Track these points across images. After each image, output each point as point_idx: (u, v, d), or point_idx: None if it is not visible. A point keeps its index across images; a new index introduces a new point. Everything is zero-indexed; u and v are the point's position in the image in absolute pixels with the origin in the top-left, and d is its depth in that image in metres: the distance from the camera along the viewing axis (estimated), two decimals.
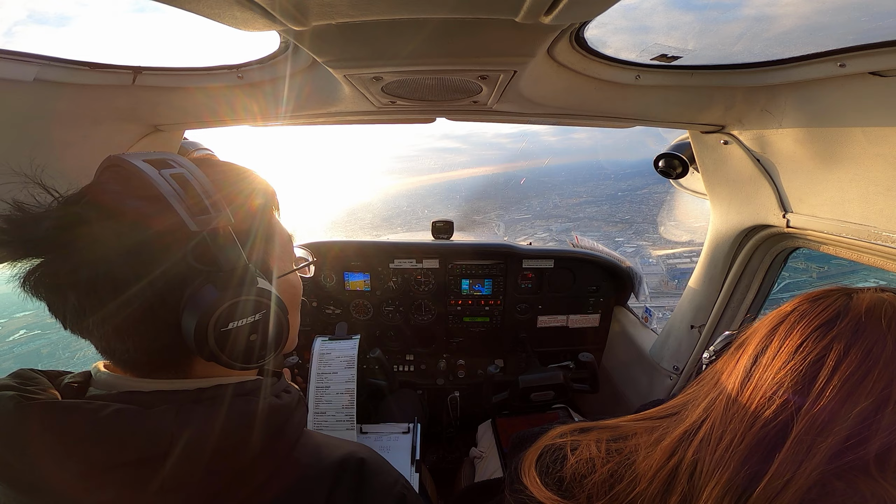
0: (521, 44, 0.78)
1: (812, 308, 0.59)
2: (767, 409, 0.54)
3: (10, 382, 0.50)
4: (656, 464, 0.59)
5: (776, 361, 0.57)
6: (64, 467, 0.44)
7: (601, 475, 0.61)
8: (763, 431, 0.53)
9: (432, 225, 2.29)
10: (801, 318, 0.58)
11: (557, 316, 2.25)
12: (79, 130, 1.04)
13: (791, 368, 0.54)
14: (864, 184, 0.93)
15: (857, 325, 0.54)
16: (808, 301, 0.60)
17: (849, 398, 0.50)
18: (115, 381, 0.54)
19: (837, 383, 0.51)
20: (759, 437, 0.53)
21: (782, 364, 0.56)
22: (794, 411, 0.52)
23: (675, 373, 1.66)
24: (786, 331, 0.58)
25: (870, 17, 0.72)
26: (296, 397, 0.61)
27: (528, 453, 0.71)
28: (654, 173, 1.52)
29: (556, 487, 0.64)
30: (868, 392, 0.50)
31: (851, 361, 0.51)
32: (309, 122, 1.37)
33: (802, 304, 0.60)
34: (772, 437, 0.53)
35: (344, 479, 0.56)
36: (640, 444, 0.63)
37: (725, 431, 0.56)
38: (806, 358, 0.54)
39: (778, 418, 0.53)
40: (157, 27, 0.79)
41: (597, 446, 0.65)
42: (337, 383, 1.45)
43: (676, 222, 2.25)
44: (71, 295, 0.48)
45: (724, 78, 1.02)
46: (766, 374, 0.57)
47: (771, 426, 0.53)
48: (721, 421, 0.57)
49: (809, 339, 0.55)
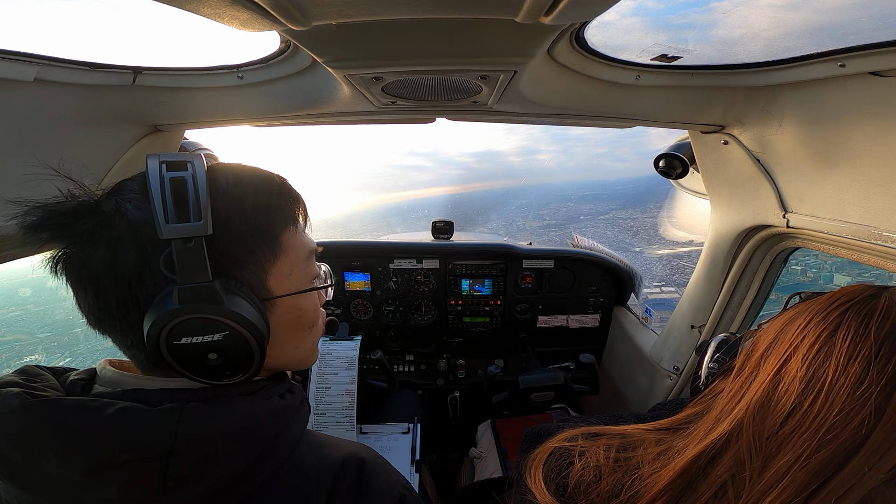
0: (521, 44, 0.78)
1: (859, 308, 0.54)
2: (849, 424, 0.49)
3: (16, 379, 0.50)
4: (665, 480, 0.56)
5: (851, 368, 0.50)
6: (67, 465, 0.45)
7: (606, 485, 0.59)
8: (843, 444, 0.49)
9: (432, 225, 2.29)
10: (854, 318, 0.53)
11: (557, 316, 2.25)
12: (79, 130, 1.04)
13: (875, 374, 0.49)
14: (865, 184, 0.93)
15: None
16: (848, 300, 0.56)
17: None
18: (121, 379, 0.54)
19: None
20: (836, 450, 0.49)
21: (862, 369, 0.50)
22: (878, 420, 0.48)
23: (676, 373, 1.66)
24: (845, 332, 0.53)
25: (870, 16, 0.72)
26: (299, 398, 0.61)
27: (537, 454, 0.71)
28: (615, 197, 1.51)
29: (559, 493, 0.64)
30: None
31: None
32: (309, 122, 1.37)
33: (839, 301, 0.56)
34: (850, 449, 0.49)
35: (345, 478, 0.56)
36: (646, 457, 0.61)
37: (781, 450, 0.51)
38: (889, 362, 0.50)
39: (862, 429, 0.48)
40: (157, 27, 0.79)
41: (605, 454, 0.63)
42: (338, 384, 1.44)
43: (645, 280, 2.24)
44: (68, 282, 0.51)
45: (724, 78, 1.02)
46: (840, 382, 0.50)
47: (853, 440, 0.49)
48: (766, 438, 0.52)
49: (887, 342, 0.50)
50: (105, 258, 0.48)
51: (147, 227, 0.48)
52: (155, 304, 0.49)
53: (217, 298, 0.49)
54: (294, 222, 0.61)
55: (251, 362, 0.53)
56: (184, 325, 0.48)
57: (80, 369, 0.58)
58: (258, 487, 0.52)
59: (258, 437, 0.52)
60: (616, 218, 22.69)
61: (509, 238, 2.35)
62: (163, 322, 0.48)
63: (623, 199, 32.51)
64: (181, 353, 0.49)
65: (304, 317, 0.63)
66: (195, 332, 0.49)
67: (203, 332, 0.49)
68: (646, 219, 23.91)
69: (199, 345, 0.50)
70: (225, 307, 0.50)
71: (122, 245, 0.48)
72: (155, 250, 0.49)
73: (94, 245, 0.48)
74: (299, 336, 0.64)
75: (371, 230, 25.40)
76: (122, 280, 0.49)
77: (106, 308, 0.50)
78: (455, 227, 2.31)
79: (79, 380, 0.55)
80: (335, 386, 1.44)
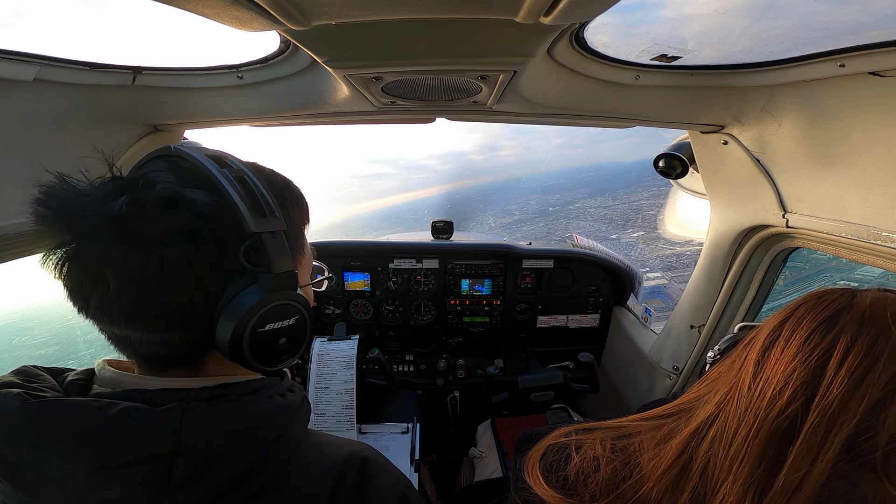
0: (521, 44, 0.78)
1: (818, 303, 0.60)
2: (780, 400, 0.55)
3: (14, 379, 0.50)
4: (666, 462, 0.59)
5: (785, 354, 0.57)
6: (70, 466, 0.44)
7: (605, 474, 0.62)
8: (777, 423, 0.54)
9: (432, 225, 2.29)
10: (808, 312, 0.60)
11: (557, 316, 2.25)
12: (79, 130, 1.04)
13: (800, 360, 0.56)
14: (864, 184, 0.93)
15: (862, 318, 0.55)
16: (815, 297, 0.62)
17: (857, 388, 0.51)
18: (121, 379, 0.54)
19: (845, 374, 0.52)
20: (773, 428, 0.54)
21: (792, 356, 0.57)
22: (806, 401, 0.53)
23: (675, 373, 1.66)
24: (793, 325, 0.59)
25: (870, 17, 0.73)
26: (300, 396, 0.61)
27: (532, 452, 0.71)
28: (579, 186, 1.52)
29: (559, 486, 0.65)
30: (875, 382, 0.51)
31: (858, 352, 0.53)
32: (309, 122, 1.37)
33: (809, 300, 0.62)
34: (786, 428, 0.54)
35: (347, 477, 0.56)
36: (645, 443, 0.64)
37: (740, 426, 0.57)
38: (814, 350, 0.55)
39: (789, 408, 0.54)
40: (157, 27, 0.79)
41: (601, 445, 0.66)
42: (336, 384, 1.44)
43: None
44: (110, 278, 0.46)
45: (723, 78, 1.02)
46: (777, 367, 0.57)
47: (783, 417, 0.54)
48: (734, 416, 0.58)
49: (817, 332, 0.56)
50: (182, 254, 0.47)
51: (225, 220, 0.50)
52: (236, 296, 0.50)
53: (296, 285, 0.55)
54: (308, 220, 0.68)
55: (303, 343, 0.59)
56: (273, 310, 0.53)
57: (77, 369, 0.58)
58: (261, 487, 0.52)
59: (261, 436, 0.52)
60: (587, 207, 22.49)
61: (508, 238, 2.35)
62: (257, 310, 0.50)
63: (589, 188, 32.66)
64: (261, 339, 0.53)
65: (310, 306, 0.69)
66: (279, 317, 0.53)
67: (283, 316, 0.54)
68: (617, 206, 23.72)
69: (278, 330, 0.54)
70: (300, 293, 0.55)
71: (202, 239, 0.48)
72: (234, 243, 0.51)
73: (162, 241, 0.46)
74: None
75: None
76: (195, 275, 0.48)
77: (162, 305, 0.48)
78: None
79: (77, 380, 0.54)
80: (334, 385, 1.44)
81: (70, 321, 5.50)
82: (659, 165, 1.48)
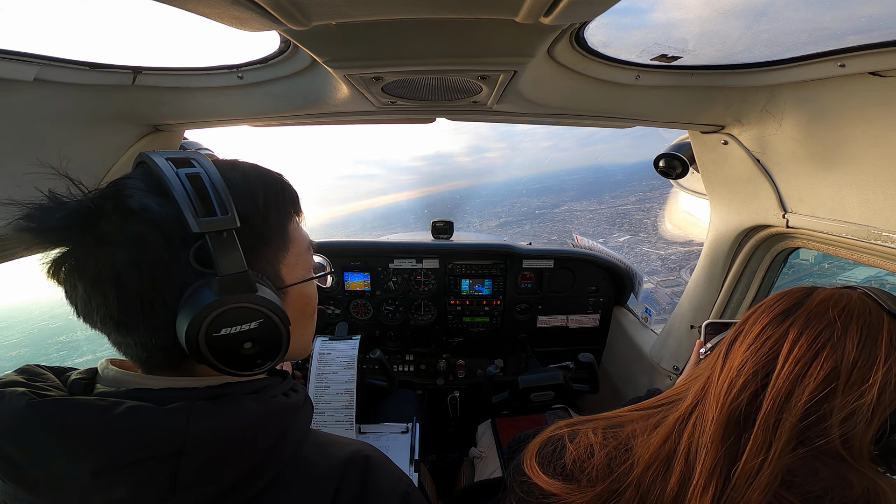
0: (521, 44, 0.78)
1: (778, 300, 0.65)
2: (734, 389, 0.60)
3: (18, 378, 0.49)
4: (654, 447, 0.63)
5: (742, 346, 0.63)
6: (76, 465, 0.44)
7: (600, 459, 0.65)
8: (731, 409, 0.59)
9: (432, 225, 2.29)
10: (767, 308, 0.65)
11: (557, 316, 2.25)
12: (79, 130, 1.04)
13: (752, 352, 0.61)
14: (864, 184, 0.93)
15: (810, 314, 0.60)
16: (777, 295, 0.67)
17: (802, 378, 0.56)
18: (124, 378, 0.53)
19: (791, 364, 0.57)
20: (729, 414, 0.59)
21: (746, 348, 0.62)
22: (759, 390, 0.58)
23: (675, 373, 1.66)
24: (754, 320, 0.65)
25: (870, 16, 0.72)
26: (303, 396, 0.62)
27: (529, 447, 0.73)
28: (565, 188, 1.52)
29: (558, 474, 0.67)
30: (818, 373, 0.56)
31: (802, 345, 0.58)
32: (309, 122, 1.37)
33: (772, 297, 0.67)
34: (740, 415, 0.58)
35: (350, 476, 0.56)
36: (638, 430, 0.67)
37: (713, 414, 0.61)
38: (765, 342, 0.61)
39: (741, 396, 0.59)
40: (157, 27, 0.79)
41: (594, 433, 0.69)
42: (337, 384, 1.44)
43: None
44: (79, 285, 0.48)
45: (723, 78, 1.02)
46: (735, 358, 0.63)
47: (736, 405, 0.59)
48: (709, 405, 0.62)
49: (769, 326, 0.62)
50: (131, 258, 0.47)
51: (173, 223, 0.49)
52: (188, 299, 0.49)
53: (252, 287, 0.51)
54: (297, 215, 0.65)
55: (279, 348, 0.55)
56: (224, 315, 0.49)
57: (80, 368, 0.58)
58: (265, 486, 0.52)
59: (265, 435, 0.52)
60: (573, 210, 22.50)
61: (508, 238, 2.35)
62: (205, 314, 0.48)
63: (574, 191, 32.63)
64: (219, 345, 0.50)
65: (310, 304, 0.68)
66: (234, 321, 0.50)
67: (241, 321, 0.51)
68: (604, 209, 23.76)
69: (237, 334, 0.51)
70: (259, 295, 0.52)
71: (149, 243, 0.48)
72: (184, 246, 0.50)
73: (116, 245, 0.47)
74: (304, 322, 0.68)
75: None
76: (147, 279, 0.48)
77: (128, 310, 0.48)
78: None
79: (80, 379, 0.54)
80: (334, 385, 1.44)
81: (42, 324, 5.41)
82: (659, 165, 1.48)
